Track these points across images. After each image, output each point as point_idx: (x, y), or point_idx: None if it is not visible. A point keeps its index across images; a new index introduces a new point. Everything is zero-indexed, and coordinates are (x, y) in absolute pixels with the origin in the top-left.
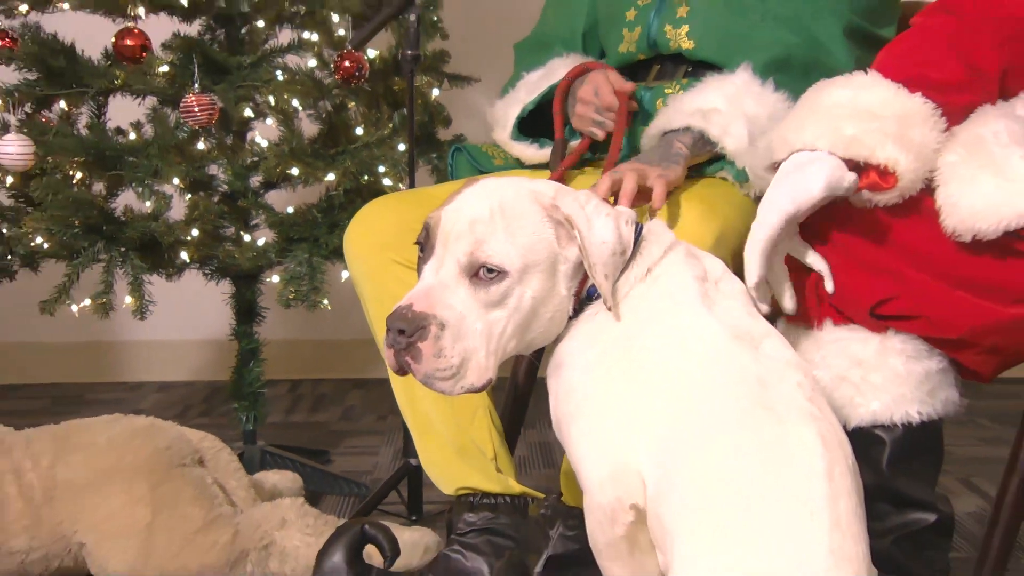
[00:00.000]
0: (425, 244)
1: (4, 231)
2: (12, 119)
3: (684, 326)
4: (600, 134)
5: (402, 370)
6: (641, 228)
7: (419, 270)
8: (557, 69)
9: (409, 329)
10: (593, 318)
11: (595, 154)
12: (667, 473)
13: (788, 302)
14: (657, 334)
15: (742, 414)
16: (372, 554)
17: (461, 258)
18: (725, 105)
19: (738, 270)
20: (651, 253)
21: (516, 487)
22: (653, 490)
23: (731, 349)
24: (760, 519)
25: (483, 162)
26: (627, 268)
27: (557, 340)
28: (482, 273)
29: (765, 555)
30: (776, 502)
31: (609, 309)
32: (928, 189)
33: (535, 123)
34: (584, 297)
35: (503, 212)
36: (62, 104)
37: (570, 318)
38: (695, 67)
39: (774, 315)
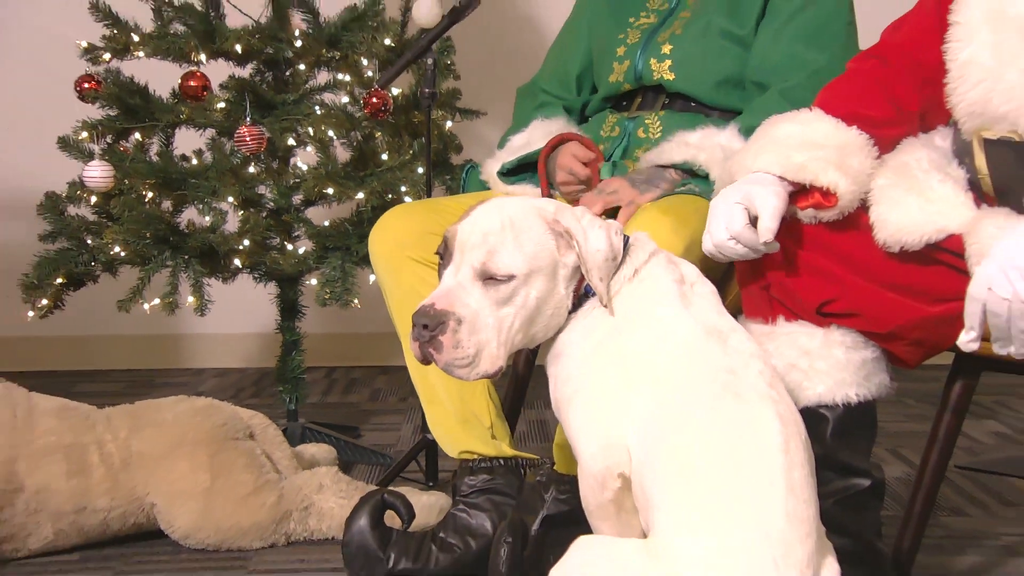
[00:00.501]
0: (444, 253)
1: (89, 241)
2: (96, 148)
3: (665, 322)
4: (574, 192)
5: (426, 360)
6: (628, 238)
7: (440, 275)
8: (535, 134)
9: (432, 324)
10: (589, 313)
11: None
12: (649, 447)
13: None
14: (642, 329)
15: (712, 397)
16: (394, 517)
17: (476, 264)
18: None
19: (705, 273)
20: (637, 258)
21: (509, 451)
22: (637, 461)
23: (703, 342)
24: (727, 486)
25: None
26: (617, 270)
27: (557, 332)
28: (492, 277)
29: (731, 516)
30: (740, 472)
31: (604, 306)
32: (863, 207)
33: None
34: (581, 294)
35: (512, 225)
36: (137, 135)
37: (569, 312)
38: (673, 98)
39: (735, 313)
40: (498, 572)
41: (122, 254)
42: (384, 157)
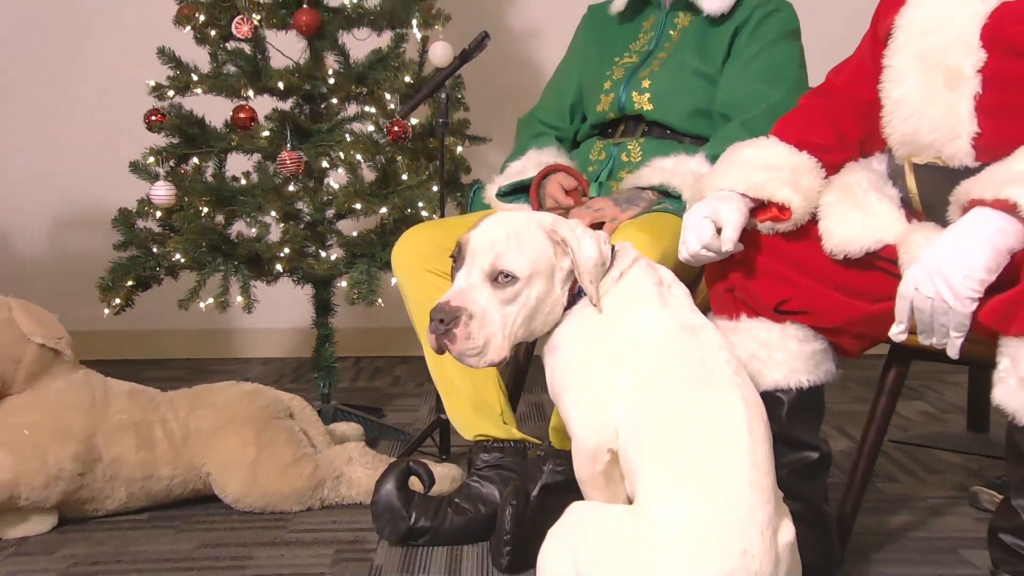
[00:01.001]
0: (457, 257)
1: (154, 250)
2: (161, 171)
3: (646, 319)
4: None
5: (440, 350)
6: (614, 247)
7: (452, 277)
8: (529, 163)
9: (447, 319)
10: (581, 311)
11: None
12: (633, 426)
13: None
14: (626, 325)
15: (687, 384)
16: (415, 483)
17: (485, 267)
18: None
19: (679, 277)
20: (623, 263)
21: (517, 434)
22: (623, 438)
23: (679, 336)
24: (699, 459)
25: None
26: (605, 274)
27: (554, 326)
28: (500, 278)
29: (702, 485)
30: (710, 448)
31: (594, 305)
32: (813, 220)
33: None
34: (575, 294)
35: (516, 234)
36: (195, 160)
37: (564, 309)
38: (651, 127)
39: (704, 311)
40: (503, 529)
41: (182, 260)
42: (404, 177)
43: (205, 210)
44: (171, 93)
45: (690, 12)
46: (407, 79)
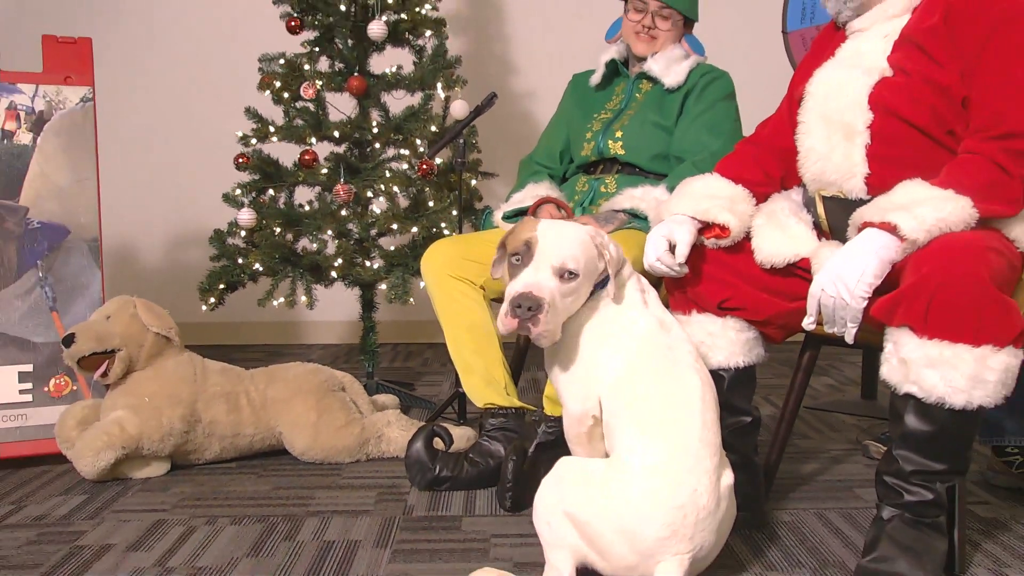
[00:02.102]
0: (524, 255)
1: (240, 261)
2: (246, 200)
3: (633, 317)
4: None
5: (520, 330)
6: None
7: (513, 271)
8: (527, 194)
9: (534, 307)
10: (596, 303)
11: None
12: (614, 397)
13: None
14: (619, 321)
15: (659, 366)
16: (439, 442)
17: (555, 264)
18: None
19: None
20: (626, 270)
21: (518, 403)
22: (607, 406)
23: (656, 331)
24: (663, 423)
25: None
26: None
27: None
28: (566, 275)
29: (665, 442)
30: (673, 413)
31: (613, 299)
32: (747, 238)
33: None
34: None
35: (578, 240)
36: (271, 191)
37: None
38: (623, 166)
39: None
40: (506, 478)
41: (260, 269)
42: (431, 204)
43: (278, 230)
44: (254, 141)
45: (651, 81)
46: (433, 128)
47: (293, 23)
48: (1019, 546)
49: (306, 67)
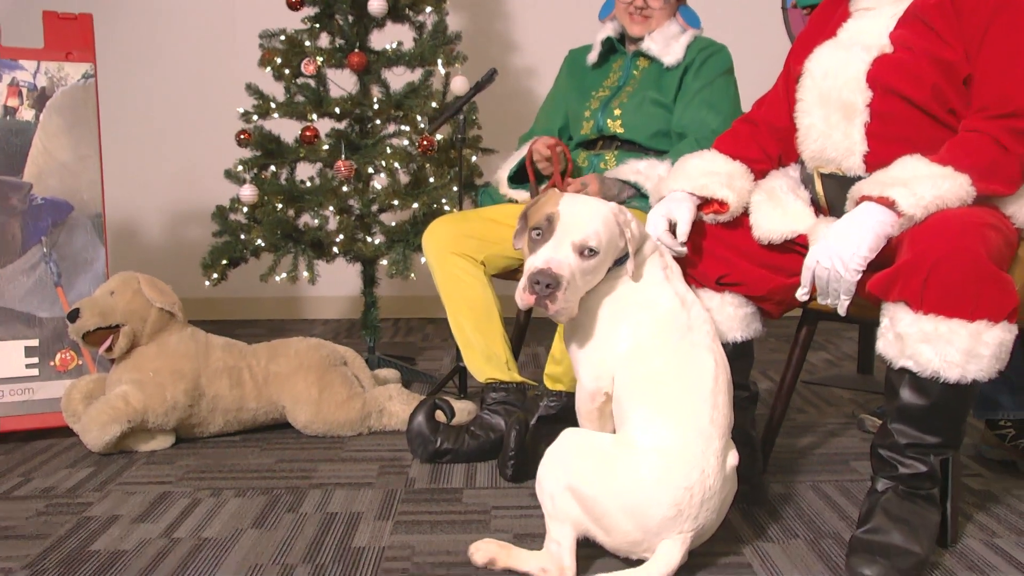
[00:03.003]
0: (545, 230)
1: (242, 236)
2: (247, 176)
3: (655, 293)
4: (548, 168)
5: (537, 305)
6: None
7: (533, 246)
8: (525, 146)
9: (553, 284)
10: (612, 280)
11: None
12: (628, 374)
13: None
14: (639, 297)
15: (675, 345)
16: (440, 415)
17: (576, 240)
18: (652, 178)
19: None
20: (647, 247)
21: (518, 378)
22: (618, 382)
23: (676, 308)
24: (676, 403)
25: (494, 197)
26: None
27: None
28: (586, 252)
29: (676, 422)
30: (685, 393)
31: (632, 277)
32: (745, 214)
33: (518, 179)
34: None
35: (600, 217)
36: (272, 168)
37: None
38: (622, 143)
39: None
40: (509, 448)
41: (262, 244)
42: (431, 180)
43: (280, 206)
44: (255, 117)
45: (648, 59)
46: (433, 105)
47: None
48: (1010, 517)
49: (307, 43)
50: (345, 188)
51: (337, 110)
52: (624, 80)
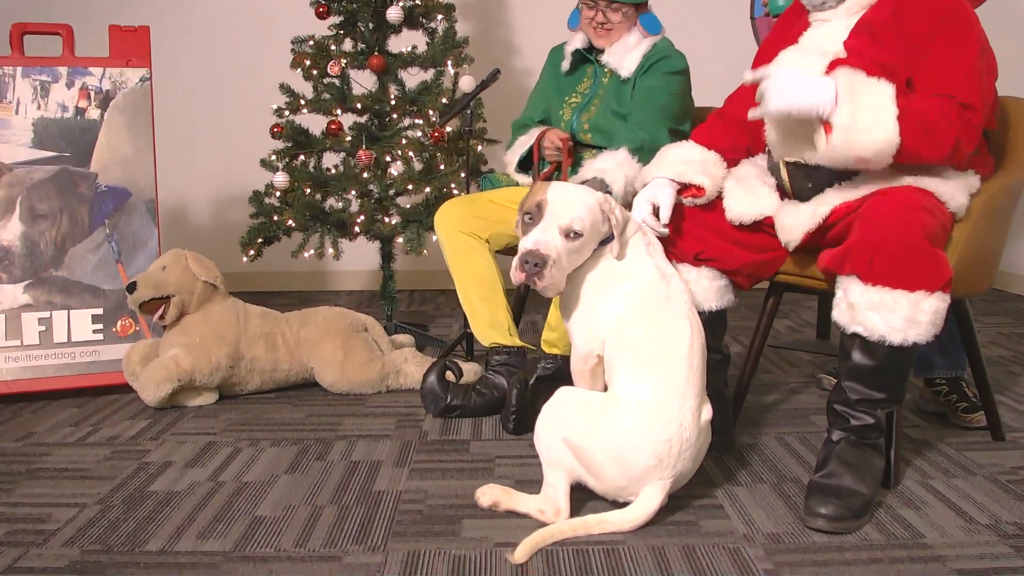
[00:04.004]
0: (536, 215)
1: (275, 218)
2: (280, 165)
3: (634, 268)
4: (552, 156)
5: (526, 282)
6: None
7: (525, 229)
8: (520, 146)
9: (540, 263)
10: (598, 258)
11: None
12: (615, 338)
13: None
14: (620, 271)
15: (656, 312)
16: (450, 376)
17: (563, 225)
18: (615, 167)
19: None
20: (630, 229)
21: (519, 343)
22: (608, 345)
23: (656, 280)
24: (656, 364)
25: (494, 182)
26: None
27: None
28: (571, 235)
29: (656, 379)
30: (665, 355)
31: (616, 256)
32: (720, 197)
33: (524, 164)
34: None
35: (584, 204)
36: (302, 157)
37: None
38: (593, 146)
39: None
40: (511, 404)
41: (293, 225)
42: (442, 167)
43: (308, 191)
44: (287, 113)
45: (611, 71)
46: (444, 100)
47: (321, 9)
48: (943, 462)
49: (332, 48)
50: (366, 175)
51: (359, 106)
52: (593, 91)
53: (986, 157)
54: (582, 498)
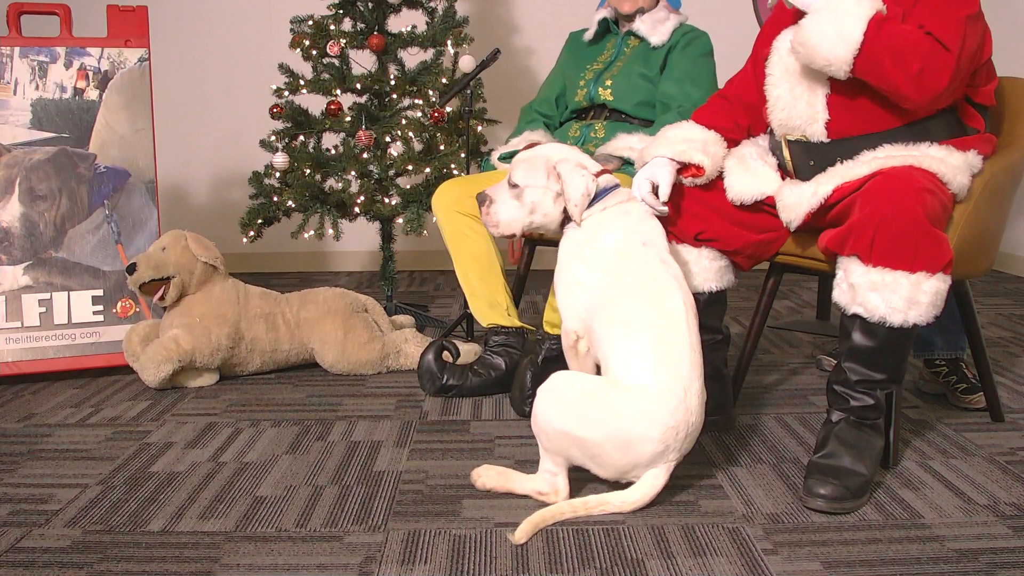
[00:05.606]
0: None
1: (275, 199)
2: (279, 145)
3: (613, 238)
4: None
5: (482, 219)
6: (618, 185)
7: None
8: (522, 139)
9: (485, 202)
10: (573, 230)
11: None
12: (600, 311)
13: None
14: (600, 242)
15: (643, 284)
16: (448, 356)
17: (509, 178)
18: (637, 145)
19: None
20: (610, 200)
21: (518, 323)
22: (596, 323)
23: (637, 251)
24: (656, 345)
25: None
26: (593, 204)
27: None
28: (512, 184)
29: (657, 361)
30: (661, 334)
31: (576, 223)
32: (720, 177)
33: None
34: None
35: (528, 162)
36: (302, 138)
37: (562, 226)
38: (611, 112)
39: None
40: (526, 386)
41: (293, 205)
42: (442, 148)
43: (308, 172)
44: (287, 93)
45: (638, 38)
46: (444, 80)
47: None
48: (941, 442)
49: (332, 27)
50: (365, 155)
51: (358, 86)
52: (616, 56)
53: (988, 135)
54: (581, 477)
